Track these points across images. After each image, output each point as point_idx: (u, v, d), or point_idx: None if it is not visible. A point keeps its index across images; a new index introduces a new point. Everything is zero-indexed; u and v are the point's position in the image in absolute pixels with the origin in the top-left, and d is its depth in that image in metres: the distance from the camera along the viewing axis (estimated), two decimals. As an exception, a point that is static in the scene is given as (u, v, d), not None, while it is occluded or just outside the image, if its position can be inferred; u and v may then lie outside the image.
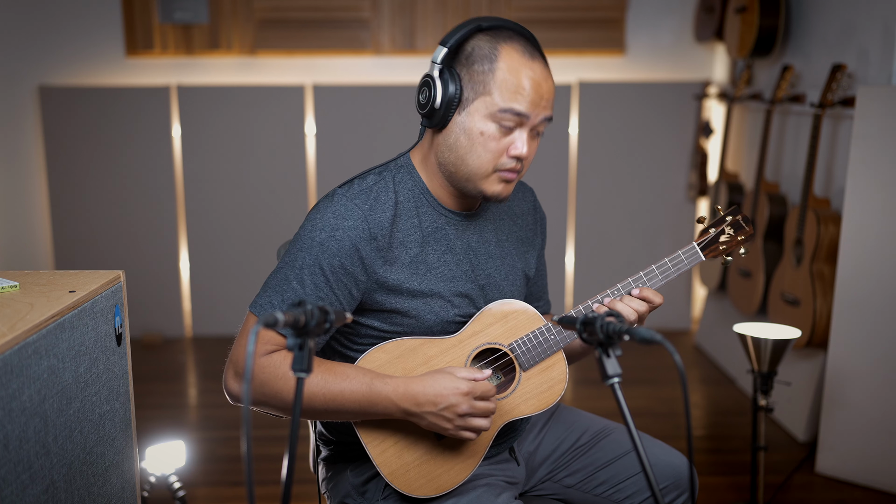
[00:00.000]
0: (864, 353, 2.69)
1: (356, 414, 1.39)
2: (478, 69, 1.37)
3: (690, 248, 1.53)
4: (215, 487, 2.73)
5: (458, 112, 1.39)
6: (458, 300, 1.47)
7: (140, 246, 4.23)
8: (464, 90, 1.38)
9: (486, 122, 1.37)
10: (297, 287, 1.38)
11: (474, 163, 1.39)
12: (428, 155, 1.46)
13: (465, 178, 1.42)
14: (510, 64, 1.36)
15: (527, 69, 1.36)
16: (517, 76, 1.35)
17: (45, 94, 4.07)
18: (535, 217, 1.66)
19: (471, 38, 1.40)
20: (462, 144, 1.39)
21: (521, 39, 1.39)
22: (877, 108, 2.64)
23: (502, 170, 1.40)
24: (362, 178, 1.45)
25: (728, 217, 1.56)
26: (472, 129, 1.38)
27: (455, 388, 1.34)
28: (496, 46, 1.37)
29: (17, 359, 1.18)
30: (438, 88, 1.37)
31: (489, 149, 1.38)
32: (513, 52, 1.37)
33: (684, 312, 4.37)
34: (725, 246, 1.55)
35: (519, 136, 1.38)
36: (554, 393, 1.49)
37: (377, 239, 1.40)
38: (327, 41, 4.15)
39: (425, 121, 1.42)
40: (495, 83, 1.36)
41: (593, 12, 4.17)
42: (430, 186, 1.47)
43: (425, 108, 1.40)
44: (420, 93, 1.41)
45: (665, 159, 4.25)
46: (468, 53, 1.38)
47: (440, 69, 1.38)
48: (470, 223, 1.51)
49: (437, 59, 1.39)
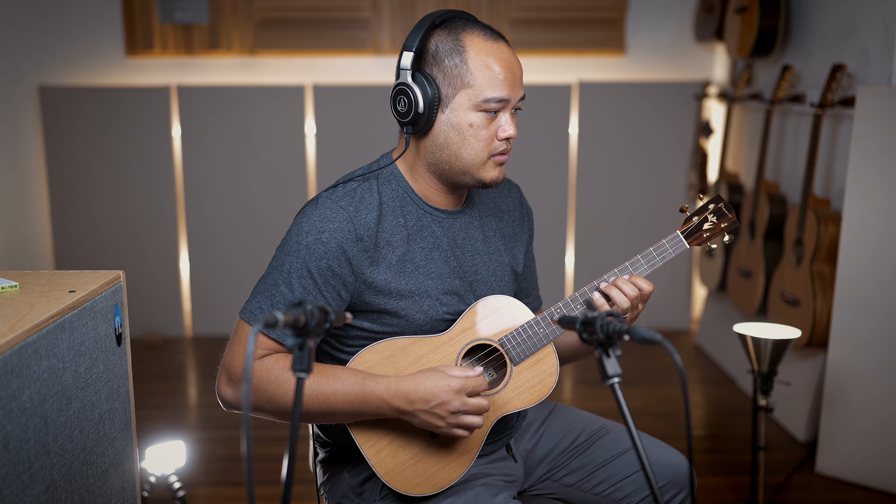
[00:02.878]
0: (864, 353, 2.69)
1: (349, 415, 1.39)
2: (449, 64, 1.39)
3: (674, 236, 1.53)
4: (215, 487, 2.73)
5: (440, 111, 1.41)
6: (447, 297, 1.47)
7: (140, 246, 4.23)
8: (440, 88, 1.40)
9: (472, 113, 1.40)
10: (286, 291, 1.39)
11: (469, 154, 1.42)
12: (415, 161, 1.47)
13: (462, 172, 1.44)
14: (479, 52, 1.39)
15: (496, 53, 1.40)
16: (490, 62, 1.39)
17: (45, 94, 4.07)
18: (521, 212, 1.67)
19: (429, 36, 1.41)
20: (453, 140, 1.41)
21: (477, 25, 1.42)
22: (877, 108, 2.64)
23: (496, 154, 1.43)
24: (346, 183, 1.46)
25: (710, 205, 1.56)
26: (461, 123, 1.40)
27: (446, 386, 1.35)
28: (458, 38, 1.40)
29: (17, 359, 1.18)
30: (417, 93, 1.39)
31: (480, 137, 1.41)
32: (477, 39, 1.40)
33: (684, 312, 4.37)
34: (709, 233, 1.55)
35: (504, 119, 1.42)
36: (546, 386, 1.49)
37: (363, 239, 1.40)
38: (327, 41, 4.15)
39: (409, 128, 1.43)
40: (471, 74, 1.38)
41: (593, 12, 4.17)
42: (414, 187, 1.48)
43: (408, 115, 1.41)
44: (396, 102, 1.42)
45: (665, 159, 4.25)
46: (433, 52, 1.40)
47: (411, 74, 1.40)
48: (455, 220, 1.52)
49: (406, 66, 1.40)
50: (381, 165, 1.49)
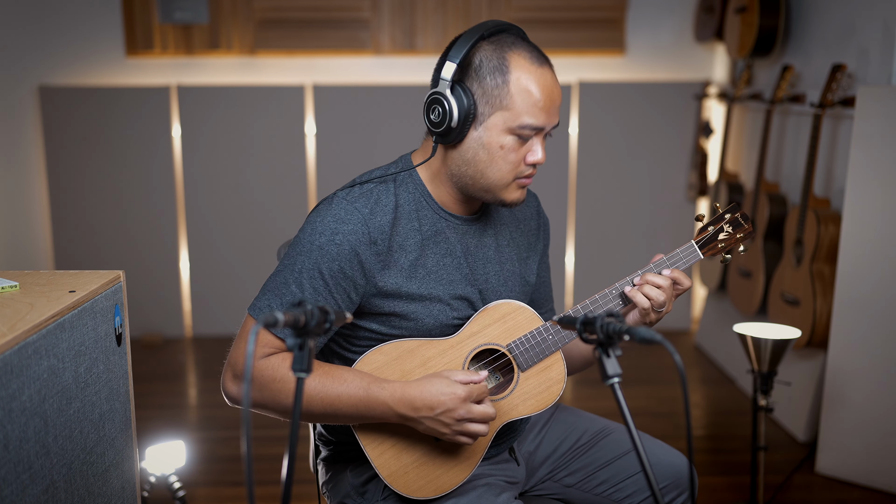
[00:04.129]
0: (863, 353, 2.69)
1: (353, 418, 1.39)
2: (490, 83, 1.35)
3: (688, 246, 1.52)
4: (215, 487, 2.73)
5: (473, 127, 1.38)
6: (457, 303, 1.47)
7: (140, 246, 4.23)
8: (477, 105, 1.36)
9: (505, 135, 1.36)
10: (296, 291, 1.38)
11: (495, 175, 1.39)
12: (440, 170, 1.45)
13: (484, 190, 1.41)
14: (523, 75, 1.34)
15: (540, 79, 1.35)
16: (532, 88, 1.35)
17: (45, 94, 4.07)
18: (538, 222, 1.64)
19: (476, 48, 1.37)
20: (482, 159, 1.38)
21: (525, 45, 1.38)
22: (877, 108, 2.64)
23: (521, 177, 1.41)
24: (363, 184, 1.44)
25: (727, 215, 1.54)
26: (492, 144, 1.37)
27: (451, 393, 1.34)
28: (504, 56, 1.35)
29: (18, 359, 1.18)
30: (454, 106, 1.35)
31: (509, 160, 1.38)
32: (522, 62, 1.35)
33: (684, 312, 4.37)
34: (724, 244, 1.54)
35: (536, 144, 1.39)
36: (552, 393, 1.48)
37: (377, 243, 1.39)
38: (327, 41, 4.15)
39: (439, 138, 1.40)
40: (511, 98, 1.35)
41: (593, 12, 4.17)
42: (433, 193, 1.47)
43: (440, 126, 1.37)
44: (430, 111, 1.38)
45: (665, 159, 4.25)
46: (476, 66, 1.36)
47: (450, 85, 1.36)
48: (470, 227, 1.50)
49: (447, 77, 1.36)
50: (400, 168, 1.47)
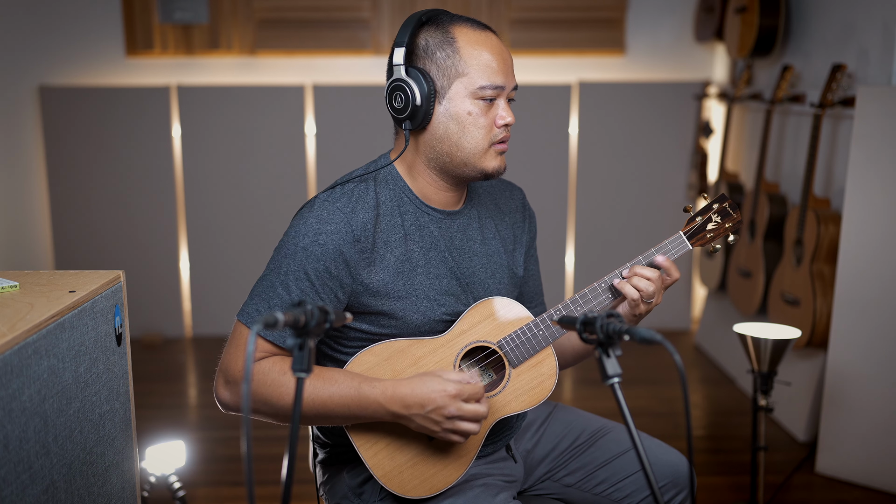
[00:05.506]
0: (864, 353, 2.69)
1: (346, 418, 1.39)
2: (441, 56, 1.41)
3: (677, 237, 1.52)
4: (215, 487, 2.73)
5: (437, 103, 1.42)
6: (444, 298, 1.47)
7: (140, 246, 4.23)
8: (435, 80, 1.41)
9: (469, 101, 1.41)
10: (283, 293, 1.38)
11: (470, 144, 1.42)
12: (415, 159, 1.47)
13: (463, 163, 1.44)
14: (469, 41, 1.41)
15: (486, 42, 1.42)
16: (481, 51, 1.41)
17: (45, 94, 4.07)
18: (523, 215, 1.65)
19: (418, 33, 1.44)
20: (453, 131, 1.42)
21: (463, 18, 1.44)
22: (877, 108, 2.64)
23: (496, 142, 1.44)
24: (344, 184, 1.46)
25: (714, 205, 1.54)
26: (459, 113, 1.41)
27: (442, 391, 1.34)
28: (447, 30, 1.42)
29: (17, 359, 1.18)
30: (413, 86, 1.40)
31: (480, 125, 1.42)
32: (466, 30, 1.42)
33: (684, 312, 4.37)
34: (713, 234, 1.54)
35: (501, 106, 1.43)
36: (544, 388, 1.48)
37: (360, 241, 1.40)
38: (327, 41, 4.15)
39: (409, 123, 1.43)
40: (465, 63, 1.40)
41: (593, 12, 4.17)
42: (413, 187, 1.48)
43: (405, 110, 1.42)
44: (393, 99, 1.43)
45: (665, 159, 4.25)
46: (424, 47, 1.42)
47: (405, 69, 1.41)
48: (453, 221, 1.51)
49: (399, 61, 1.41)
50: (378, 166, 1.49)
